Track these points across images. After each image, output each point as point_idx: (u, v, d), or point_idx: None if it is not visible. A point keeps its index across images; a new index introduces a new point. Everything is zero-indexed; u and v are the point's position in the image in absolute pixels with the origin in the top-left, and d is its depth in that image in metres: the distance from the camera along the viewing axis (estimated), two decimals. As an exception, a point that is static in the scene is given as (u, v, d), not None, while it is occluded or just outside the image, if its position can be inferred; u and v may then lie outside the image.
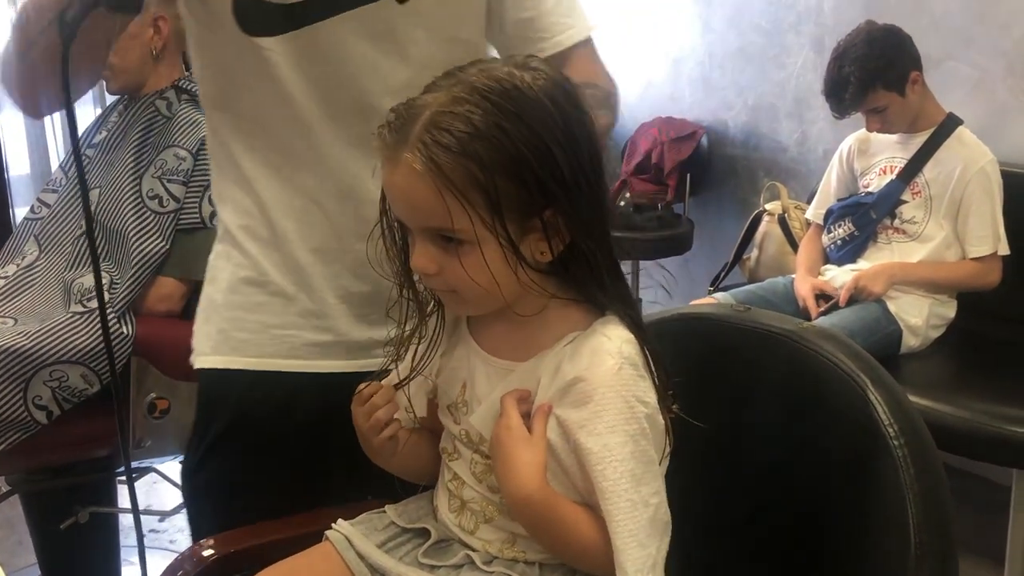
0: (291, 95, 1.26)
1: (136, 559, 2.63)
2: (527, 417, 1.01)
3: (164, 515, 2.76)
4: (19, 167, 4.03)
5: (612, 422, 0.96)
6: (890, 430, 1.07)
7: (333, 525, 1.14)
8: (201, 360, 1.38)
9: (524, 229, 0.96)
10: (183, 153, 2.22)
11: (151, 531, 2.89)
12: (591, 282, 1.01)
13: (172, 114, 2.28)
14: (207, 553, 1.20)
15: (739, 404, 1.21)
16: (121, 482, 2.50)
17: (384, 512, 1.15)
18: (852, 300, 2.76)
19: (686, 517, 1.03)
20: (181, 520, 2.86)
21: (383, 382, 1.11)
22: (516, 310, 1.01)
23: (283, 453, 1.31)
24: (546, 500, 0.98)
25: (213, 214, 2.19)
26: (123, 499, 2.67)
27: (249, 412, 1.30)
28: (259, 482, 1.31)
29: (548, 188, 0.94)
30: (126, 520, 2.82)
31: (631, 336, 1.00)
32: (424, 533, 1.11)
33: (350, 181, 1.29)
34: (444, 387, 1.12)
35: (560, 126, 0.95)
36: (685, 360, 1.07)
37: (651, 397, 0.99)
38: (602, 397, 0.96)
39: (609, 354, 0.97)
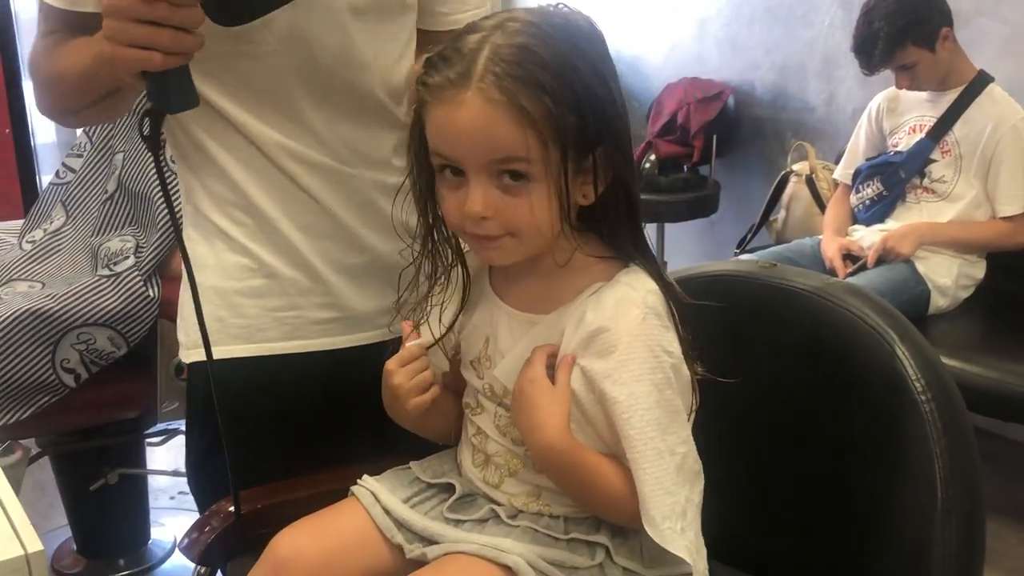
0: (275, 86, 1.21)
1: (164, 520, 2.68)
2: (551, 369, 1.01)
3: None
4: (45, 135, 4.05)
5: (637, 371, 0.96)
6: (917, 385, 1.06)
7: (359, 481, 1.14)
8: (194, 353, 1.30)
9: (577, 168, 0.97)
10: (206, 116, 2.22)
11: (179, 492, 2.92)
12: (622, 231, 1.02)
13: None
14: (233, 510, 1.20)
15: (765, 361, 1.20)
16: (150, 444, 2.53)
17: (408, 468, 1.16)
18: (880, 261, 2.73)
19: (710, 474, 1.03)
20: (210, 482, 2.89)
21: (411, 344, 1.10)
22: (555, 252, 1.01)
23: (295, 435, 1.28)
24: (570, 450, 0.98)
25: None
26: (152, 461, 2.70)
27: (256, 400, 1.25)
28: (271, 467, 1.28)
29: (605, 123, 0.96)
30: (155, 482, 2.86)
31: (655, 287, 1.00)
32: (449, 488, 1.11)
33: (330, 154, 1.25)
34: (467, 342, 1.12)
35: (605, 62, 0.98)
36: (710, 319, 1.07)
37: (675, 347, 0.99)
38: (627, 346, 0.96)
39: (634, 304, 0.97)
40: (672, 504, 0.95)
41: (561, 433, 0.97)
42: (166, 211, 2.14)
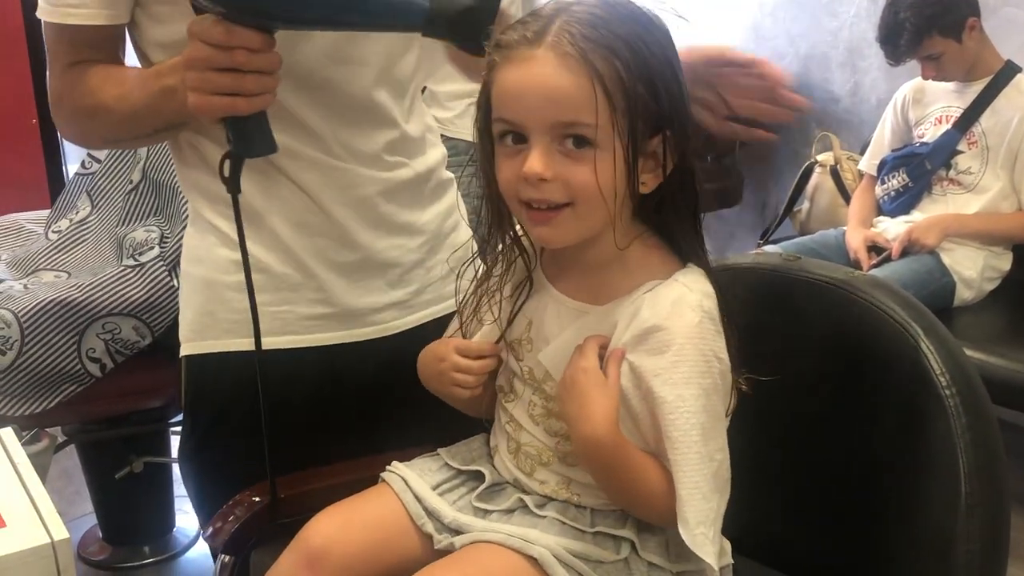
0: None
1: (189, 508, 2.69)
2: (600, 361, 1.00)
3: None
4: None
5: (688, 374, 0.96)
6: (942, 379, 1.06)
7: (388, 467, 1.14)
8: (187, 347, 1.29)
9: (642, 148, 0.96)
10: (230, 106, 2.22)
11: (205, 481, 2.93)
12: (681, 226, 1.02)
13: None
14: (257, 499, 1.21)
15: (789, 354, 1.19)
16: (174, 433, 2.55)
17: (437, 455, 1.16)
18: (904, 252, 2.72)
19: (735, 468, 1.02)
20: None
21: (484, 343, 1.11)
22: (611, 245, 1.00)
23: (285, 430, 1.23)
24: (616, 445, 0.97)
25: (261, 167, 2.20)
26: (176, 450, 2.72)
27: (246, 393, 1.20)
28: (259, 461, 1.23)
29: (674, 108, 0.97)
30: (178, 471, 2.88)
31: (711, 290, 1.00)
32: (478, 476, 1.11)
33: (322, 149, 1.23)
34: (511, 323, 1.11)
35: (676, 53, 0.99)
36: (733, 311, 1.06)
37: (725, 354, 0.98)
38: (680, 348, 0.96)
39: (690, 307, 0.97)
40: (707, 511, 0.95)
41: (610, 427, 0.96)
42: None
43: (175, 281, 2.12)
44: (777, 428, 1.20)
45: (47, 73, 1.26)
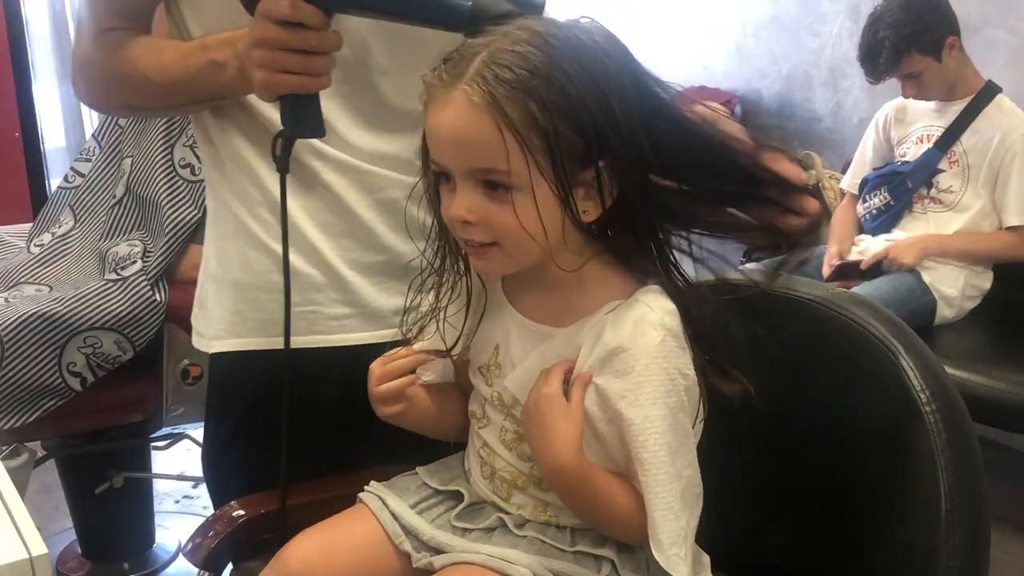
0: None
1: (169, 524, 2.68)
2: (566, 385, 1.00)
3: (198, 481, 2.78)
4: (55, 139, 4.06)
5: (654, 394, 0.95)
6: (922, 396, 1.06)
7: (366, 487, 1.14)
8: (216, 344, 1.33)
9: (574, 181, 0.94)
10: (214, 121, 2.22)
11: (184, 497, 2.92)
12: (633, 246, 1.01)
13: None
14: (237, 514, 1.21)
15: (768, 371, 1.19)
16: (155, 448, 2.53)
17: (416, 474, 1.15)
18: (880, 270, 2.73)
19: (718, 483, 1.02)
20: (215, 487, 2.90)
21: (401, 349, 1.11)
22: (558, 263, 0.99)
23: (312, 429, 1.28)
24: (581, 471, 0.97)
25: (245, 182, 2.19)
26: (157, 465, 2.71)
27: (272, 392, 1.23)
28: (292, 460, 1.27)
29: (605, 138, 0.93)
30: (161, 486, 2.87)
31: (673, 307, 0.99)
32: (457, 496, 1.11)
33: (354, 154, 1.26)
34: (476, 348, 1.11)
35: (617, 79, 0.95)
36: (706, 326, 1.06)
37: (690, 370, 0.98)
38: (644, 368, 0.95)
39: (652, 325, 0.96)
40: (678, 529, 0.95)
41: (572, 454, 0.96)
42: (175, 216, 2.16)
43: (157, 295, 2.12)
44: (757, 444, 1.20)
45: (74, 38, 1.30)
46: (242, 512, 1.22)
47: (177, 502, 2.90)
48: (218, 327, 1.33)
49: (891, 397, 1.08)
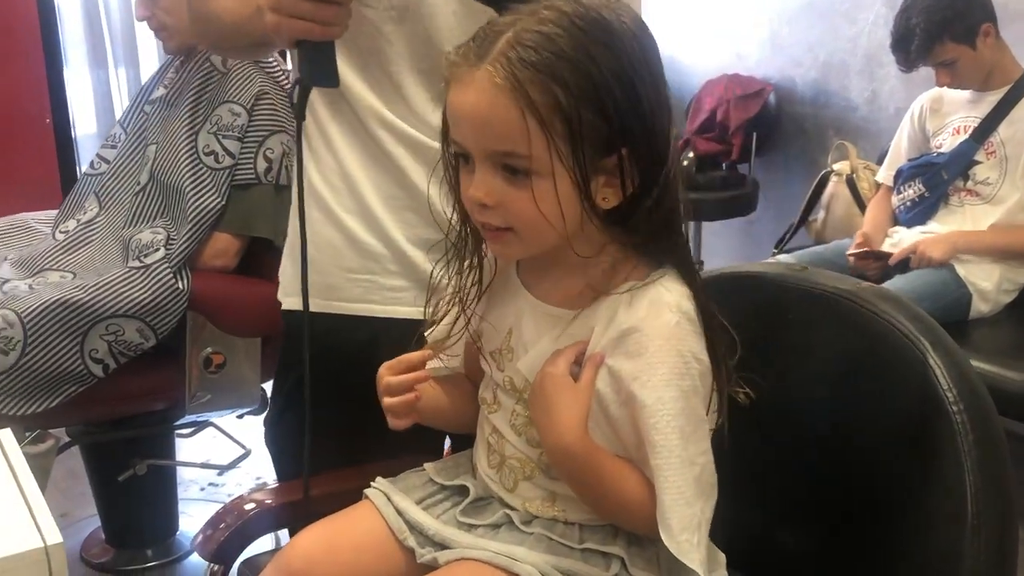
0: (382, 50, 1.26)
1: (194, 511, 2.68)
2: (577, 366, 0.98)
3: (222, 469, 2.78)
4: (86, 126, 4.08)
5: (667, 376, 0.94)
6: (949, 395, 1.03)
7: (372, 483, 1.13)
8: (286, 301, 1.40)
9: (595, 168, 0.93)
10: (238, 109, 2.21)
11: (210, 484, 2.93)
12: (651, 234, 0.98)
13: (227, 69, 2.27)
14: (248, 507, 1.20)
15: (793, 366, 1.17)
16: (179, 435, 2.54)
17: (423, 470, 1.14)
18: (907, 266, 2.67)
19: (737, 480, 1.00)
20: (239, 475, 2.90)
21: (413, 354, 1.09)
22: (575, 248, 0.97)
23: (362, 397, 1.28)
24: (587, 452, 0.95)
25: (268, 170, 2.19)
26: (182, 453, 2.71)
27: (328, 355, 1.26)
28: (340, 425, 1.28)
29: (629, 125, 0.92)
30: (185, 473, 2.87)
31: (689, 292, 0.97)
32: (463, 491, 1.09)
33: (425, 131, 1.28)
34: (488, 333, 1.09)
35: (643, 64, 0.93)
36: (737, 321, 1.04)
37: (705, 355, 0.96)
38: (658, 349, 0.94)
39: (668, 307, 0.95)
40: (690, 516, 0.93)
41: (577, 435, 0.94)
42: (198, 204, 2.15)
43: (180, 283, 2.11)
44: (779, 441, 1.18)
45: None
46: (253, 505, 1.20)
47: (202, 489, 2.91)
48: (286, 285, 1.40)
49: (917, 395, 1.05)
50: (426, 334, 1.12)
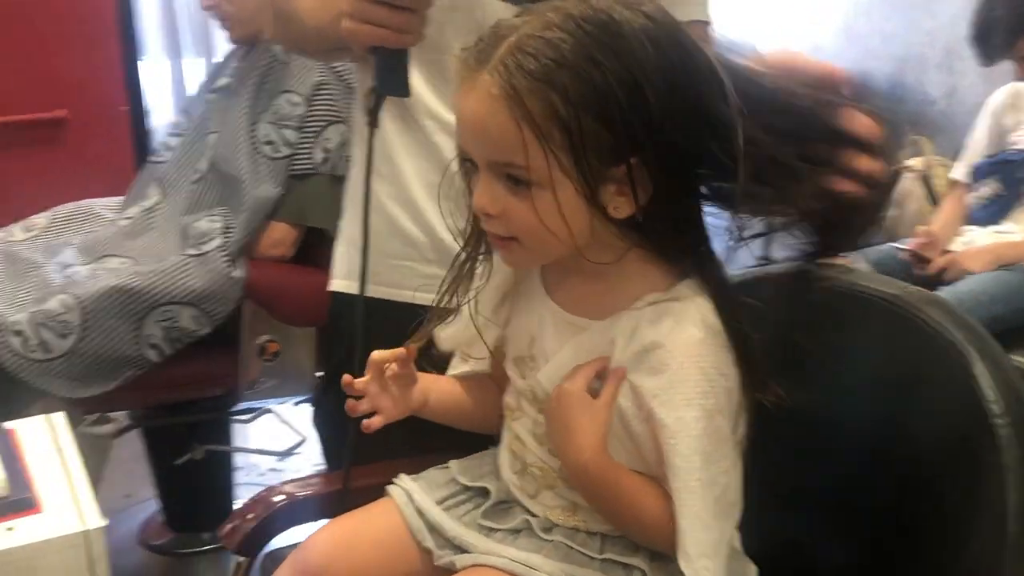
0: (432, 39, 1.23)
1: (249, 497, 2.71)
2: (599, 381, 0.95)
3: (280, 455, 2.81)
4: (161, 115, 4.14)
5: (689, 395, 0.90)
6: (994, 407, 0.98)
7: (395, 480, 1.12)
8: (335, 283, 1.43)
9: (602, 177, 0.89)
10: (296, 99, 2.23)
11: (270, 470, 2.96)
12: (670, 242, 0.95)
13: (288, 59, 2.28)
14: (277, 499, 1.19)
15: (832, 373, 1.13)
16: (236, 421, 2.57)
17: (448, 468, 1.13)
18: (940, 278, 2.57)
19: (772, 491, 0.97)
20: (298, 461, 2.93)
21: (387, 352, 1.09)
22: (588, 257, 0.94)
23: None
24: (604, 470, 0.93)
25: (325, 160, 2.20)
26: (242, 439, 2.74)
27: (366, 337, 1.23)
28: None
29: (636, 135, 0.87)
30: (246, 459, 2.91)
31: (714, 304, 0.94)
32: (485, 493, 1.08)
33: None
34: (512, 339, 1.08)
35: (658, 69, 0.87)
36: (774, 325, 1.00)
37: (731, 370, 0.93)
38: (680, 367, 0.91)
39: (692, 322, 0.92)
40: (708, 541, 0.90)
41: (595, 452, 0.92)
42: (255, 193, 2.17)
43: (236, 272, 2.14)
44: (816, 450, 1.14)
45: None
46: (282, 497, 1.20)
47: (261, 475, 2.94)
48: (341, 267, 1.43)
49: (960, 407, 1.00)
50: (436, 330, 1.10)
